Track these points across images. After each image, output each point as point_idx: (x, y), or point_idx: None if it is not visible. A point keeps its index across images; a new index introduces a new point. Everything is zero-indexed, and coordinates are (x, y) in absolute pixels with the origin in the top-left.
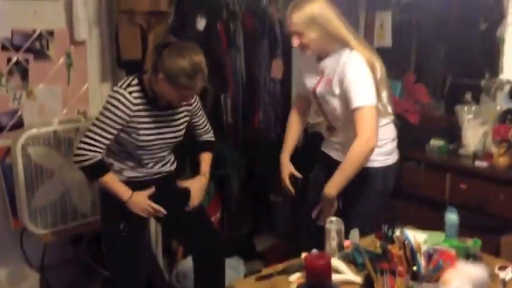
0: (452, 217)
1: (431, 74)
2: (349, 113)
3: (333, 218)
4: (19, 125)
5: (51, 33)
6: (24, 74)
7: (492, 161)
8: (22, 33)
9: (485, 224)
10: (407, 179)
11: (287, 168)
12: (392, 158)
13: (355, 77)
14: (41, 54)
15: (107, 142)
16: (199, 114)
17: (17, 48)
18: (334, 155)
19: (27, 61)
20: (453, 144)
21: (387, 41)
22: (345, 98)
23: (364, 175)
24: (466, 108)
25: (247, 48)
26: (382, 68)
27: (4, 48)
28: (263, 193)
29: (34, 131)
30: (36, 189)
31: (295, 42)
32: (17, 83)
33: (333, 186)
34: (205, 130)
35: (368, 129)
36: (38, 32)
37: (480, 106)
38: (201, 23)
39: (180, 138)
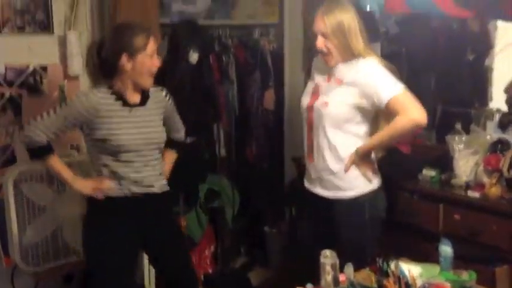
0: (446, 249)
1: (422, 103)
2: (341, 112)
3: (328, 252)
4: (12, 161)
5: (44, 68)
6: (18, 109)
7: (484, 191)
8: (16, 68)
9: (480, 255)
10: (400, 209)
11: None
12: (377, 181)
13: (376, 73)
14: (34, 89)
15: (56, 131)
16: (173, 110)
17: (10, 84)
18: (318, 190)
19: (20, 96)
20: (445, 174)
21: None
22: (351, 96)
23: (351, 205)
24: (456, 138)
25: (239, 79)
26: None
27: None
28: (257, 225)
29: (26, 166)
30: (28, 225)
31: (320, 43)
32: (10, 118)
33: (364, 146)
34: (177, 128)
35: (411, 107)
36: (31, 67)
37: (470, 136)
38: (193, 56)
39: (162, 140)
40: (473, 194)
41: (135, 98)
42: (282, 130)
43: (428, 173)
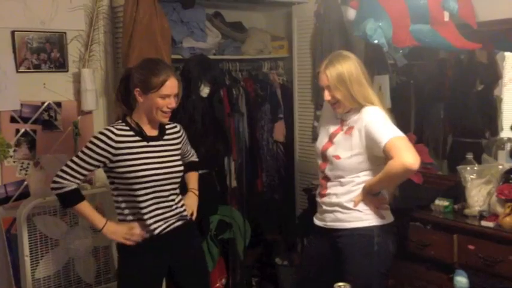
0: (462, 280)
1: (432, 134)
2: (352, 163)
3: (341, 284)
4: (26, 195)
5: (59, 104)
6: (32, 144)
7: (498, 220)
8: (31, 105)
9: (496, 286)
10: (414, 240)
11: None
12: (389, 217)
13: (376, 120)
14: (48, 124)
15: (85, 172)
16: (187, 143)
17: (26, 120)
18: (328, 220)
19: (35, 132)
20: (458, 204)
21: (386, 103)
22: (359, 147)
23: (360, 235)
24: (468, 168)
25: (250, 112)
26: None
27: (13, 120)
28: (269, 257)
29: (40, 200)
30: (41, 258)
31: (327, 96)
32: (24, 153)
33: (370, 184)
34: (190, 154)
35: (404, 151)
36: (46, 103)
37: (482, 165)
38: (205, 90)
39: (180, 174)
40: (487, 224)
41: (153, 131)
42: (292, 161)
43: (441, 202)
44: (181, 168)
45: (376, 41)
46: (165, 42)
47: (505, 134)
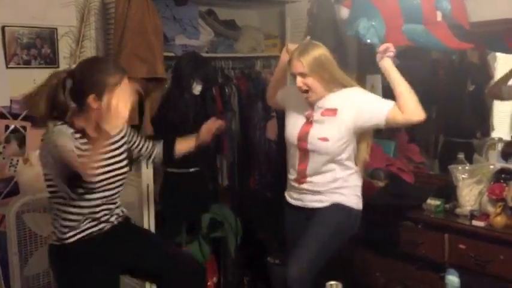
0: (453, 279)
1: (424, 133)
2: (340, 146)
3: (333, 283)
4: (15, 192)
5: None
6: (22, 141)
7: (489, 220)
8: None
9: (486, 285)
10: (405, 239)
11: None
12: (361, 206)
13: (368, 97)
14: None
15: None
16: (135, 136)
17: (15, 116)
18: (308, 200)
19: (24, 128)
20: (450, 204)
21: None
22: (349, 122)
23: (339, 210)
24: (460, 168)
25: (242, 110)
26: None
27: (2, 116)
28: (261, 256)
29: (29, 197)
30: (30, 256)
31: (300, 82)
32: (13, 150)
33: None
34: (149, 146)
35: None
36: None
37: (474, 165)
38: (197, 88)
39: (125, 175)
40: (479, 224)
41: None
42: (284, 159)
43: (433, 202)
44: (126, 167)
45: (369, 41)
46: (157, 39)
47: (496, 134)
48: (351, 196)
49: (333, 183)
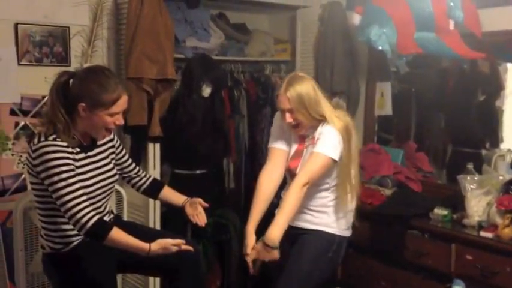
0: None
1: (432, 142)
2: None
3: None
4: (22, 188)
5: None
6: (31, 138)
7: (497, 231)
8: (31, 98)
9: None
10: (411, 249)
11: (251, 240)
12: (349, 232)
13: (326, 134)
14: None
15: (83, 191)
16: (122, 149)
17: (25, 113)
18: (295, 219)
19: (34, 125)
20: (457, 214)
21: (388, 110)
22: None
23: (321, 238)
24: (468, 178)
25: (250, 114)
26: (357, 143)
27: (13, 113)
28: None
29: None
30: (36, 253)
31: (288, 118)
32: (23, 146)
33: (277, 230)
34: (138, 171)
35: (309, 171)
36: (46, 97)
37: (483, 176)
38: (206, 90)
39: (115, 183)
40: (486, 235)
41: (86, 140)
42: None
43: (440, 211)
44: (116, 176)
45: (380, 47)
46: (168, 41)
47: (505, 145)
48: (336, 222)
49: (320, 207)
